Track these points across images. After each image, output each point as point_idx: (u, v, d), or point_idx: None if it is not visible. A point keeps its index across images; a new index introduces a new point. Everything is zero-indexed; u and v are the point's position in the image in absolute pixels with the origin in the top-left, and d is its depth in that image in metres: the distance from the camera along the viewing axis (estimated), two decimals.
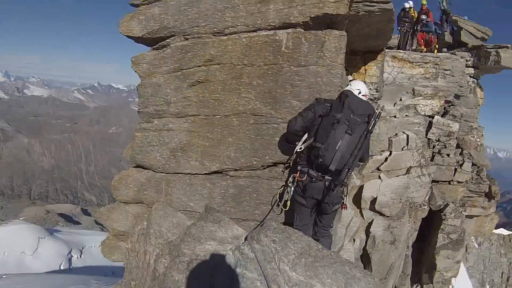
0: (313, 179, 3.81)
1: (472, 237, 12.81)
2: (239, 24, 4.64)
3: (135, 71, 5.17)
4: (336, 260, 2.91)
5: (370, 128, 3.70)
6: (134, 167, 5.40)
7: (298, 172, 3.95)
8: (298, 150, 3.97)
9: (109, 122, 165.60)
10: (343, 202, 4.03)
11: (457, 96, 10.98)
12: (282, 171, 4.59)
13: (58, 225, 52.25)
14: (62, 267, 25.86)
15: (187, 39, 4.89)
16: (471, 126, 11.57)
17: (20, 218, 47.87)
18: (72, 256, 28.05)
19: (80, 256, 28.56)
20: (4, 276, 14.99)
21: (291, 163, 4.37)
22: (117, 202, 5.63)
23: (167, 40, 5.00)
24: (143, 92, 5.08)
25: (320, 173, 3.78)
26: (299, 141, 4.03)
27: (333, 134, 3.62)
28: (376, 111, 3.80)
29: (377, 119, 3.75)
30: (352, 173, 3.95)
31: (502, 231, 17.80)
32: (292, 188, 4.01)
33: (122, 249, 5.59)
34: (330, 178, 3.77)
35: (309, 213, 4.09)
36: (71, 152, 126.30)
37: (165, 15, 4.93)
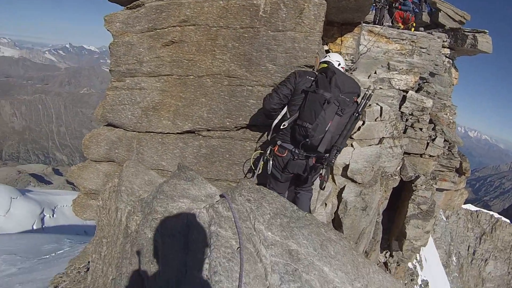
0: (296, 156, 3.71)
1: (441, 210, 13.15)
2: None
3: (108, 30, 5.02)
4: (312, 222, 2.84)
5: (360, 110, 3.62)
6: (105, 125, 5.34)
7: (277, 146, 3.81)
8: (282, 127, 3.75)
9: (80, 84, 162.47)
10: (321, 174, 3.88)
11: (432, 74, 11.05)
12: (256, 147, 4.57)
13: (30, 185, 51.73)
14: (35, 227, 25.71)
15: None
16: (444, 104, 11.79)
17: None
18: (44, 215, 27.83)
19: (53, 216, 28.36)
20: None
21: (269, 136, 4.13)
22: (88, 161, 5.60)
23: (141, 0, 4.84)
24: (115, 51, 4.96)
25: (305, 152, 3.69)
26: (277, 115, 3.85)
27: (323, 115, 3.45)
28: (367, 92, 3.72)
29: (367, 101, 3.67)
30: None
31: (470, 207, 18.64)
32: (271, 161, 3.88)
33: (93, 207, 5.61)
34: (314, 155, 3.70)
35: (284, 186, 4.05)
36: (42, 113, 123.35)
37: None
